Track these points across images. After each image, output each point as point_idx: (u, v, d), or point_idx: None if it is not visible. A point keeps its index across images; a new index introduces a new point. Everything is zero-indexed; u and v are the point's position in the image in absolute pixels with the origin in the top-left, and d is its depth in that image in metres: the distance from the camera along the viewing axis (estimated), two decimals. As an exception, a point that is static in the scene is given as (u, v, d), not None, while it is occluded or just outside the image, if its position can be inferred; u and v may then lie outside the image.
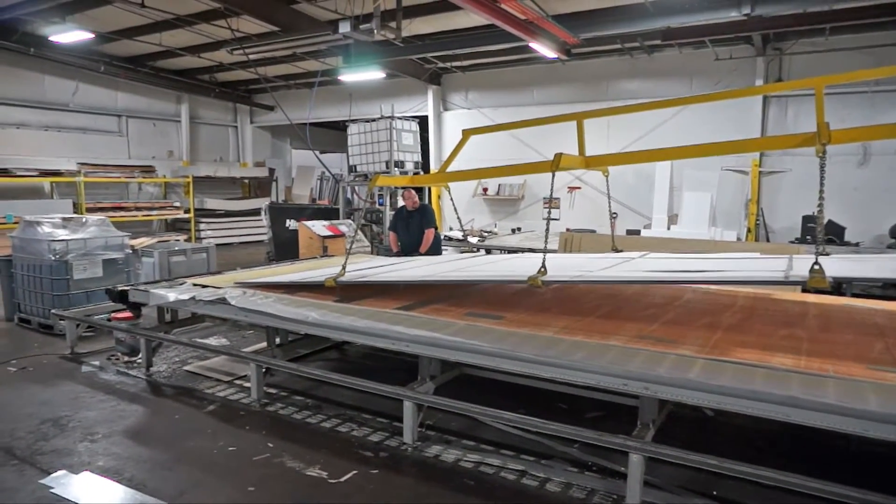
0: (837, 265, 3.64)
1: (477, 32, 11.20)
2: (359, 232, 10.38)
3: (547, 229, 4.22)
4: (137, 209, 14.99)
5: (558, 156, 3.84)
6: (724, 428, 4.12)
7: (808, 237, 10.25)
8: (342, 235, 9.88)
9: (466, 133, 5.27)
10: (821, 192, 3.20)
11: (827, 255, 3.85)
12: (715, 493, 3.28)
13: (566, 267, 4.45)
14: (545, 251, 3.89)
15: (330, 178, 18.80)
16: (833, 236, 9.92)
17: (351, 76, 13.19)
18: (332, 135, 19.05)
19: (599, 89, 13.21)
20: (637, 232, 11.67)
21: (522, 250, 9.84)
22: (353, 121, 12.64)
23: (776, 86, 10.53)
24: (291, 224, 11.63)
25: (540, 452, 3.80)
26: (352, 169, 12.57)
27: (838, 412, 2.59)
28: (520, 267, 4.71)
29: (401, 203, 7.96)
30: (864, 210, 10.39)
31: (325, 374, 4.39)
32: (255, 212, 16.27)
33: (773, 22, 9.82)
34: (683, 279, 3.24)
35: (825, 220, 3.31)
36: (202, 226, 16.26)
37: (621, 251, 5.68)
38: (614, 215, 5.50)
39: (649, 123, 12.23)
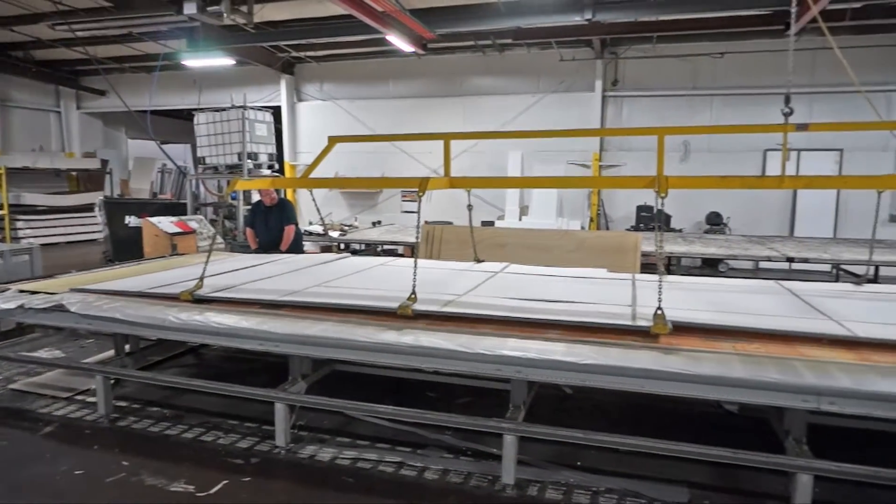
0: (679, 300, 4.00)
1: (332, 22, 10.98)
2: (209, 227, 9.80)
3: (415, 259, 4.21)
4: (-66, 205, 12.88)
5: (425, 180, 3.96)
6: (584, 403, 4.46)
7: (642, 225, 11.44)
8: (192, 232, 9.25)
9: (332, 140, 5.22)
10: (658, 227, 3.54)
11: (666, 273, 4.24)
12: (579, 463, 3.55)
13: (433, 283, 4.51)
14: (415, 267, 3.84)
15: (174, 170, 17.47)
16: (660, 224, 11.15)
17: (197, 62, 12.33)
18: (176, 124, 17.69)
19: (454, 84, 13.58)
20: (491, 223, 12.16)
21: (385, 243, 9.89)
22: (201, 109, 11.84)
23: (626, 130, 11.67)
24: (132, 221, 10.68)
25: (415, 443, 3.86)
26: (199, 161, 11.79)
27: (683, 379, 2.91)
28: (388, 280, 4.69)
29: (256, 198, 7.61)
30: (686, 200, 11.69)
31: (188, 382, 4.09)
32: (86, 207, 14.70)
33: (610, 28, 10.79)
34: (542, 319, 3.45)
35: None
36: (20, 224, 14.28)
37: (482, 261, 5.90)
38: (469, 207, 5.74)
39: (504, 115, 12.88)
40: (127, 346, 4.97)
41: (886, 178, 4.16)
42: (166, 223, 9.18)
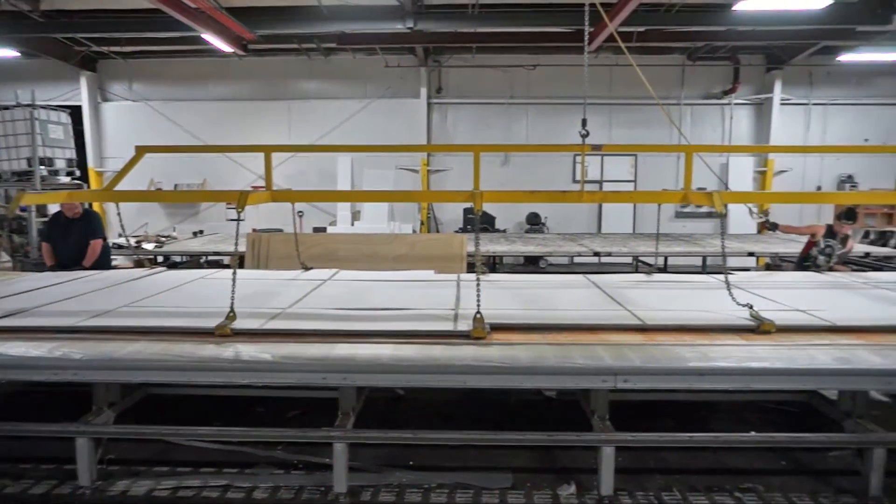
0: (500, 298, 4.26)
1: (140, 16, 10.08)
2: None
3: (234, 273, 4.03)
4: None
5: (245, 195, 3.82)
6: (415, 403, 4.55)
7: (469, 227, 12.01)
8: (-30, 250, 7.95)
9: (140, 150, 4.78)
10: (476, 239, 3.73)
11: (485, 272, 4.49)
12: (411, 462, 3.62)
13: (258, 295, 4.34)
14: (234, 282, 3.64)
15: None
16: (486, 224, 11.88)
17: (-32, 52, 10.64)
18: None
19: (279, 88, 13.19)
20: (323, 229, 11.97)
21: (207, 254, 9.28)
22: (-24, 108, 10.24)
23: (445, 147, 12.20)
24: None
25: (243, 462, 3.67)
26: (-22, 167, 10.19)
27: (501, 372, 3.09)
28: (209, 296, 4.41)
29: (55, 208, 6.75)
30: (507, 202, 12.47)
31: (-40, 425, 3.50)
32: None
33: (432, 37, 11.19)
34: (367, 330, 3.48)
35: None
36: None
37: (311, 268, 5.79)
38: (300, 214, 5.59)
39: (332, 120, 12.79)
40: None
41: (663, 194, 5.34)
42: (-67, 241, 7.80)
